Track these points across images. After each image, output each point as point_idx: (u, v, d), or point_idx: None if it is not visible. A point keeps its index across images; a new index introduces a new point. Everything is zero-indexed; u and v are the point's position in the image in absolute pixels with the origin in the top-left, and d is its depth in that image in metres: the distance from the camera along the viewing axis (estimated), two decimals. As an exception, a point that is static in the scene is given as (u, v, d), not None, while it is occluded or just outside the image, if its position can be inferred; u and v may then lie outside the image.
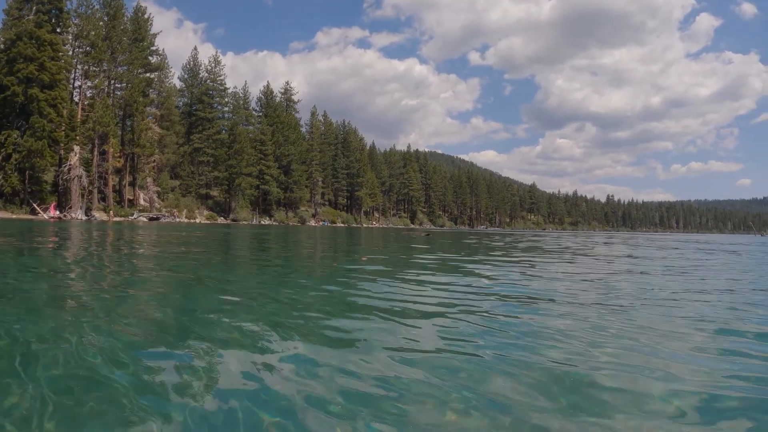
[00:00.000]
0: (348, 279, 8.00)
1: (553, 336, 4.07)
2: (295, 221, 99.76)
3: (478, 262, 12.48)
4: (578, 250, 20.56)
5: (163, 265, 9.73)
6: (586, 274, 9.94)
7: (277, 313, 4.84)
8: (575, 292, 6.97)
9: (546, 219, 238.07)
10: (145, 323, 4.29)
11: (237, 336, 3.80)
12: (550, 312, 5.20)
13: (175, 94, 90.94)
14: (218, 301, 5.48)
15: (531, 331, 4.27)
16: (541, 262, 12.89)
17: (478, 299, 5.99)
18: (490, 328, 4.32)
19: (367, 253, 14.54)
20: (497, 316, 4.83)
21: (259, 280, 8.14)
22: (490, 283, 7.81)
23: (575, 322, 4.65)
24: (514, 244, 25.71)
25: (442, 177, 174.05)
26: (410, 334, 4.04)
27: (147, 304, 5.26)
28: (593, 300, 6.15)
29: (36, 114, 55.66)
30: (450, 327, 4.34)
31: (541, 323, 4.59)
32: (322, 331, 4.06)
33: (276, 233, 34.69)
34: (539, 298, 6.26)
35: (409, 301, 5.70)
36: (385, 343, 3.69)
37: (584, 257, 15.97)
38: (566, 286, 7.67)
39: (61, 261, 9.92)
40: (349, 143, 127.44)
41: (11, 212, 53.75)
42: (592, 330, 4.31)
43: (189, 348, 3.47)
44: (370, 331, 4.12)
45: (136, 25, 74.90)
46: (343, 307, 5.35)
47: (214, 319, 4.43)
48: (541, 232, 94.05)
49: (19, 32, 56.80)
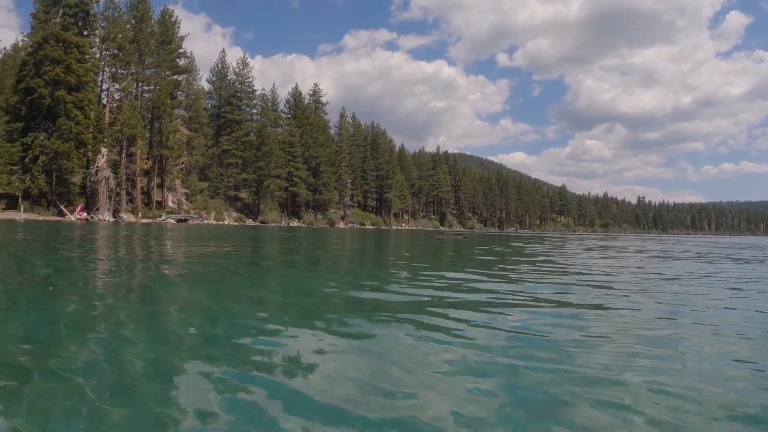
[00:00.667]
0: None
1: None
2: (324, 223, 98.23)
3: (577, 286, 8.32)
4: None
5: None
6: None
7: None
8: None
9: (576, 221, 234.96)
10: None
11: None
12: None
13: (204, 96, 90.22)
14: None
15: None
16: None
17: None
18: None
19: (403, 262, 12.86)
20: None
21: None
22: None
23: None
24: (573, 249, 24.17)
25: (471, 179, 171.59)
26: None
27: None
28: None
29: (63, 116, 54.97)
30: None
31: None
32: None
33: (305, 236, 33.50)
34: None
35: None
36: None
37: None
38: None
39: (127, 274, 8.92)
40: (378, 145, 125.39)
41: (38, 214, 53.06)
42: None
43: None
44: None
45: (164, 27, 74.21)
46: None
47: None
48: (586, 235, 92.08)
49: (46, 35, 56.30)
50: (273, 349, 3.75)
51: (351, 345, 3.98)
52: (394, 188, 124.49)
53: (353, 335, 4.27)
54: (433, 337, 4.21)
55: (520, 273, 10.53)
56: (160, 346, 3.80)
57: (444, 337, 4.22)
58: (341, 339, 4.10)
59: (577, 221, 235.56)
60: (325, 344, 3.92)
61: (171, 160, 72.47)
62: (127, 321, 4.58)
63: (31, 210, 53.18)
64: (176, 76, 76.78)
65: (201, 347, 3.83)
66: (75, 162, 56.47)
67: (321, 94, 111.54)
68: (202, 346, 3.85)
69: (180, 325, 4.69)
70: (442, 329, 4.52)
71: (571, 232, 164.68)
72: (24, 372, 3.03)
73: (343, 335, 4.23)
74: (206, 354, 3.60)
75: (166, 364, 3.36)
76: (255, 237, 26.59)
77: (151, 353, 3.52)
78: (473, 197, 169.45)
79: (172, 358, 3.49)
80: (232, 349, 3.72)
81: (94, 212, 57.36)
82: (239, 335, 4.17)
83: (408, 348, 3.92)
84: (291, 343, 3.94)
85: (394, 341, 4.09)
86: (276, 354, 3.63)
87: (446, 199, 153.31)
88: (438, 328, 4.54)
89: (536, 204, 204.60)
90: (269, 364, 3.42)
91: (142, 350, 3.55)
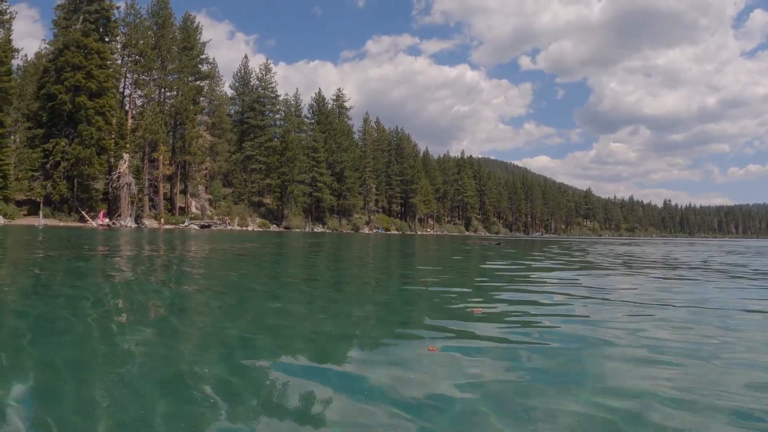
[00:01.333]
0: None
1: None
2: (348, 228, 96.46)
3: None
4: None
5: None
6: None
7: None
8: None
9: (602, 225, 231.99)
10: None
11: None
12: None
13: (227, 102, 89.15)
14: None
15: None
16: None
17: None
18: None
19: (469, 289, 7.94)
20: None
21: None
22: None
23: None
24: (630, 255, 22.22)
25: (496, 183, 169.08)
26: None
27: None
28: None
29: (84, 122, 53.98)
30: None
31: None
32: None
33: (330, 241, 31.68)
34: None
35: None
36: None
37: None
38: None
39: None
40: (403, 149, 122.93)
41: (59, 219, 52.03)
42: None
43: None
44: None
45: (186, 33, 73.04)
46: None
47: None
48: (621, 239, 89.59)
49: (67, 41, 55.47)
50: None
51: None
52: (419, 193, 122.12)
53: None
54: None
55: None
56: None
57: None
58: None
59: (603, 225, 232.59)
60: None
61: (194, 165, 71.16)
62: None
63: (52, 216, 52.14)
64: (199, 81, 75.67)
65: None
66: (96, 168, 55.26)
67: (344, 99, 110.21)
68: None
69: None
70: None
71: (596, 236, 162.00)
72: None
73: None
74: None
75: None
76: (279, 243, 24.88)
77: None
78: (498, 202, 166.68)
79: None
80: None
81: (116, 218, 56.22)
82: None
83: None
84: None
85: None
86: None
87: (471, 204, 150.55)
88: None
89: (562, 208, 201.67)
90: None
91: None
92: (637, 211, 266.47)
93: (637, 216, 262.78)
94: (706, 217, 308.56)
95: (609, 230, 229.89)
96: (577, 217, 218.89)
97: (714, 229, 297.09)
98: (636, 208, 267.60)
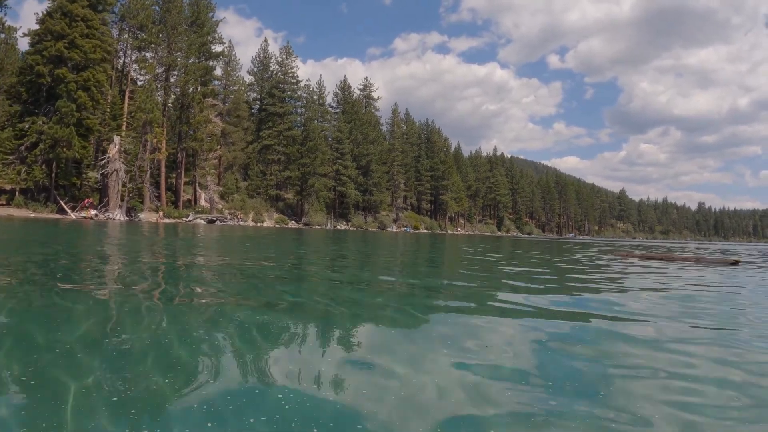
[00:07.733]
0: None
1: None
2: (375, 226, 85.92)
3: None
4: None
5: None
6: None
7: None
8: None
9: (636, 227, 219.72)
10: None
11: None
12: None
13: (244, 87, 79.48)
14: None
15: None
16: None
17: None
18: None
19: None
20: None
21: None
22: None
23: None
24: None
25: (529, 182, 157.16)
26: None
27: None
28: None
29: (64, 97, 44.76)
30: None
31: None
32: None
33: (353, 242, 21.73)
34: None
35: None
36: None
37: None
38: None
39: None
40: (433, 144, 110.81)
41: (32, 210, 42.66)
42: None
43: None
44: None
45: (196, 9, 63.71)
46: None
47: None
48: (668, 241, 78.69)
49: (52, 9, 46.25)
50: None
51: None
52: (451, 190, 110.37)
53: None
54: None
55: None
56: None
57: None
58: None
59: (636, 227, 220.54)
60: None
61: (201, 153, 61.49)
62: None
63: (25, 206, 42.91)
64: (209, 61, 66.21)
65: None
66: (77, 151, 45.47)
67: (372, 89, 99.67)
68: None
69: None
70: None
71: (630, 238, 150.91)
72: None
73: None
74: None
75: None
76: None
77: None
78: (531, 201, 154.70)
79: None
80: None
81: (100, 209, 46.77)
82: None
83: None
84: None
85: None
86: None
87: (504, 203, 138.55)
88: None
89: (595, 209, 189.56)
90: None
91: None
92: (672, 214, 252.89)
93: (671, 218, 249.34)
94: (741, 221, 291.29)
95: (643, 233, 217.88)
96: (611, 218, 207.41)
97: (749, 233, 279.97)
98: (670, 211, 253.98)
